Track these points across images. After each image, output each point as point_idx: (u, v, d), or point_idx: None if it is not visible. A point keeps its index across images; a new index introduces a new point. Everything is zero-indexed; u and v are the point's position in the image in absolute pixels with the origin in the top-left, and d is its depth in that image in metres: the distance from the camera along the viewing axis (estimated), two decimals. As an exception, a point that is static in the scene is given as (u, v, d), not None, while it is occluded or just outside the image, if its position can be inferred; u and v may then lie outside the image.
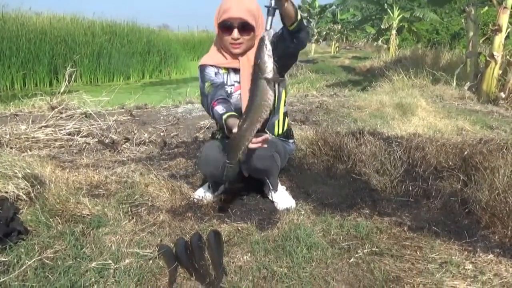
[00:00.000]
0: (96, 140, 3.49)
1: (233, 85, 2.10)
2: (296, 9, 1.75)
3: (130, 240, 1.76)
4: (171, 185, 2.34)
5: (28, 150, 3.12)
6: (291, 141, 2.32)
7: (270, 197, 2.23)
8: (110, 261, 1.54)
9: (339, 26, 26.84)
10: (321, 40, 29.27)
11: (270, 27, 1.73)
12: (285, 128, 2.24)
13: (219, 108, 1.90)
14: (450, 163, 2.66)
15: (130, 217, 1.99)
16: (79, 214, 1.98)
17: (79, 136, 3.53)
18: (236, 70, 2.08)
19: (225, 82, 2.10)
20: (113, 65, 13.79)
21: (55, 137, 3.45)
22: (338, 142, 2.91)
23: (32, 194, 2.03)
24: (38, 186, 2.11)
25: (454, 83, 7.64)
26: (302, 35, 1.84)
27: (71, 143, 3.42)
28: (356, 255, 1.67)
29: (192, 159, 2.92)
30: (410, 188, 2.38)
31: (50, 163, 2.57)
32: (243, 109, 1.91)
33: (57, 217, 1.93)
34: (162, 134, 3.89)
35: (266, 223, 1.98)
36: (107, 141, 3.49)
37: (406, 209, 2.17)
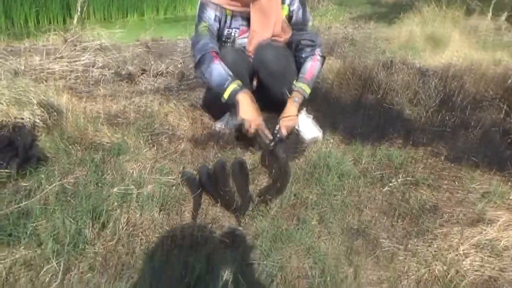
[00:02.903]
0: (113, 71, 3.36)
1: (238, 28, 1.94)
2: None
3: (152, 167, 1.70)
4: (192, 115, 2.24)
5: (44, 81, 3.03)
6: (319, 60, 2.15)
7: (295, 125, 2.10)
8: (132, 187, 1.48)
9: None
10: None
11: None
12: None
13: (221, 70, 1.77)
14: (490, 92, 2.46)
15: (151, 145, 1.91)
16: (98, 142, 1.91)
17: (95, 67, 3.40)
18: (243, 17, 1.92)
19: (228, 25, 1.94)
20: (126, 1, 13.28)
21: (70, 68, 3.33)
22: (368, 72, 2.71)
23: (49, 121, 1.95)
24: (55, 114, 2.03)
25: (490, 14, 7.04)
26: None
27: (87, 74, 3.30)
28: (390, 184, 1.57)
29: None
30: (447, 118, 2.21)
31: (66, 92, 2.48)
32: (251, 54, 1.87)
33: (76, 145, 1.87)
34: (179, 66, 3.72)
35: (293, 151, 1.87)
36: (123, 72, 3.36)
37: (443, 139, 2.03)
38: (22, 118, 1.87)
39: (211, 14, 1.90)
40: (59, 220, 1.26)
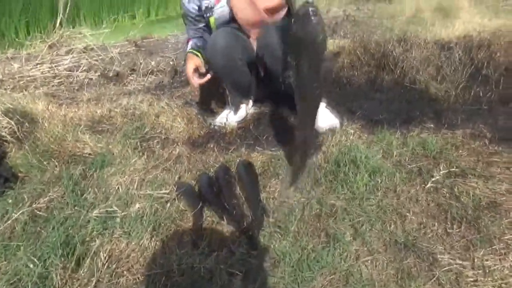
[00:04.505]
0: (99, 73, 3.07)
1: None
2: None
3: (142, 180, 1.41)
4: (187, 113, 1.95)
5: (24, 90, 2.75)
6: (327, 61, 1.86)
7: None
8: (116, 208, 1.20)
9: None
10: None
11: None
12: None
13: (189, 44, 1.84)
14: (525, 60, 2.15)
15: (140, 153, 1.63)
16: (79, 153, 1.64)
17: (79, 71, 3.12)
18: None
19: None
20: (116, 5, 12.96)
21: (52, 74, 3.05)
22: (381, 50, 2.40)
23: (19, 133, 1.67)
24: (27, 125, 1.75)
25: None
26: None
27: (71, 79, 3.02)
28: (433, 179, 1.28)
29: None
30: (480, 94, 1.91)
31: (44, 99, 2.20)
32: (238, 19, 1.63)
33: (52, 159, 1.59)
34: (171, 63, 3.43)
35: (307, 147, 1.58)
36: (111, 74, 3.07)
37: (480, 118, 1.73)
38: (-15, 133, 1.59)
39: (188, 6, 1.78)
40: (21, 262, 0.98)
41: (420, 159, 1.42)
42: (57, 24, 4.17)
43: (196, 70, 1.75)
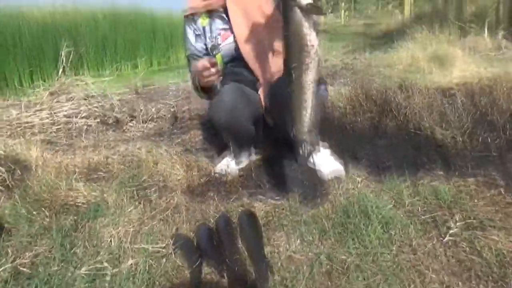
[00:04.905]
0: (98, 120, 3.05)
1: (220, 34, 1.67)
2: None
3: (136, 232, 1.32)
4: (186, 160, 1.89)
5: (21, 137, 2.70)
6: (322, 86, 1.82)
7: (310, 164, 1.74)
8: (106, 264, 1.09)
9: (348, -7, 25.64)
10: (328, 12, 28.03)
11: None
12: None
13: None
14: (529, 106, 2.13)
15: (136, 203, 1.54)
16: (71, 203, 1.55)
17: (78, 117, 3.10)
18: (222, 17, 1.66)
19: (209, 34, 1.69)
20: (119, 55, 13.28)
21: (51, 120, 3.02)
22: (383, 96, 2.39)
23: (10, 181, 1.60)
24: (19, 172, 1.68)
25: (486, 33, 6.91)
26: None
27: (70, 126, 2.99)
28: (450, 232, 1.19)
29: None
30: (489, 140, 1.86)
31: (39, 146, 2.14)
32: (246, 56, 1.59)
33: (43, 209, 1.50)
34: (172, 109, 3.42)
35: (312, 196, 1.50)
36: (110, 121, 3.05)
37: (491, 165, 1.66)
38: (-27, 182, 1.51)
39: (190, 37, 1.73)
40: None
41: (433, 209, 1.34)
42: (60, 73, 4.22)
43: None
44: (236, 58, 1.68)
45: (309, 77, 1.22)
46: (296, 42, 1.19)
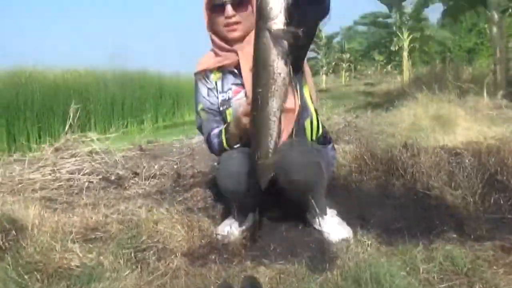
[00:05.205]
0: (100, 177, 3.02)
1: (231, 88, 1.64)
2: None
3: (131, 299, 1.23)
4: (187, 221, 1.82)
5: (21, 193, 2.66)
6: (329, 146, 1.80)
7: (317, 226, 1.68)
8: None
9: (348, 55, 26.80)
10: (330, 72, 29.06)
11: None
12: (320, 129, 1.72)
13: (216, 131, 1.65)
14: (539, 166, 2.08)
15: (134, 266, 1.46)
16: (65, 266, 1.47)
17: (81, 174, 3.07)
18: (234, 72, 1.64)
19: (221, 89, 1.66)
20: (126, 112, 13.56)
21: (53, 177, 3.00)
22: (388, 154, 2.37)
23: (3, 242, 1.53)
24: (14, 232, 1.61)
25: (485, 93, 7.06)
26: None
27: (72, 182, 2.95)
28: (471, 302, 1.09)
29: (212, 189, 2.40)
30: (501, 201, 1.80)
31: (38, 204, 2.09)
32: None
33: (35, 273, 1.42)
34: (175, 166, 3.40)
35: (320, 261, 1.42)
36: (112, 177, 3.02)
37: (506, 228, 1.59)
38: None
39: (203, 91, 1.69)
40: None
41: (450, 277, 1.25)
42: (67, 130, 4.28)
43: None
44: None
45: (275, 104, 1.18)
46: (263, 68, 1.16)
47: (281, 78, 1.16)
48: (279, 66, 1.15)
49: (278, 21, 1.10)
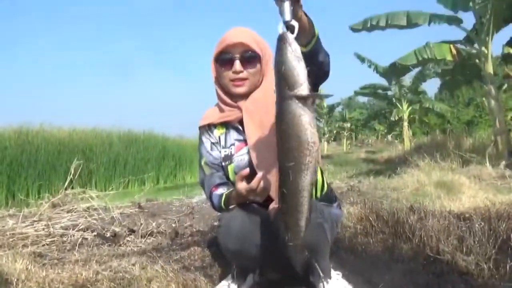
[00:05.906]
0: (95, 233, 2.91)
1: (233, 144, 1.61)
2: (311, 21, 1.24)
3: None
4: (183, 279, 1.71)
5: (12, 248, 2.55)
6: (335, 204, 1.72)
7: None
8: None
9: (349, 124, 27.47)
10: (331, 140, 29.60)
11: (291, 18, 1.08)
12: (325, 187, 1.66)
13: (219, 191, 1.58)
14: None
15: (122, 329, 1.34)
16: (47, 326, 1.34)
17: (75, 230, 2.96)
18: (237, 128, 1.62)
19: (224, 144, 1.63)
20: (128, 171, 13.53)
21: (47, 232, 2.89)
22: (394, 216, 2.29)
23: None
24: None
25: (488, 163, 7.07)
26: (321, 57, 1.33)
27: (65, 238, 2.84)
28: None
29: (211, 248, 2.29)
30: (517, 268, 1.69)
31: (27, 258, 1.98)
32: (258, 170, 1.43)
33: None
34: (173, 225, 3.30)
35: (325, 328, 1.29)
36: (108, 234, 2.91)
37: (526, 297, 1.47)
38: None
39: (207, 145, 1.66)
40: None
41: None
42: (66, 185, 4.23)
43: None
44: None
45: (308, 178, 1.10)
46: (295, 138, 1.07)
47: (315, 147, 1.08)
48: (311, 135, 1.07)
49: (304, 87, 1.06)
